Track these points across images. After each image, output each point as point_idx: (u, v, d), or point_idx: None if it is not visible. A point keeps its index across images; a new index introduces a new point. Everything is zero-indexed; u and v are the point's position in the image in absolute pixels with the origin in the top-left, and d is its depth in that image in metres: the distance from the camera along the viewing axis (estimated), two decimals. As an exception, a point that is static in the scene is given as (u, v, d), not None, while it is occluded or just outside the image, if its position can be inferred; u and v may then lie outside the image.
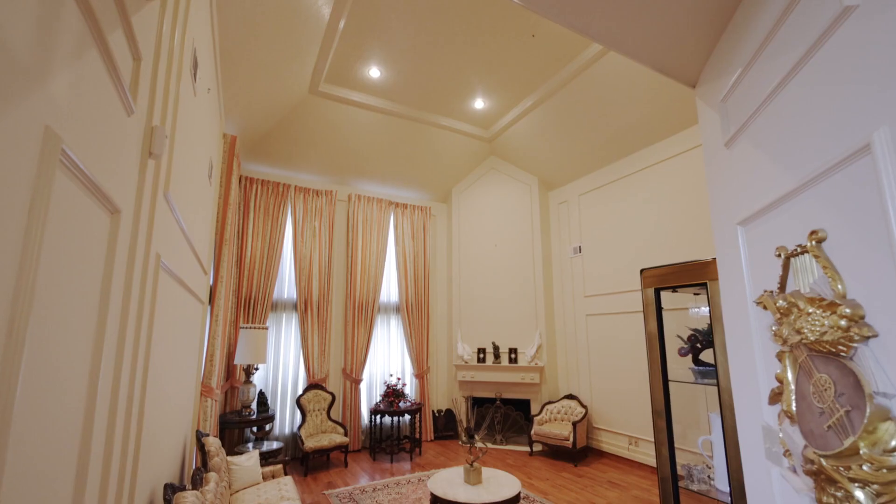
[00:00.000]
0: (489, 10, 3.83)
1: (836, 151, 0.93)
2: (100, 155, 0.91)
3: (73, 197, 0.81)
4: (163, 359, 2.00)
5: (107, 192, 0.94)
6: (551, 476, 4.73)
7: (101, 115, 0.91)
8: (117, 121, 1.01)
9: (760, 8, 1.21)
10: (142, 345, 1.44)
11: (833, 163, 0.93)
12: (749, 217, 1.28)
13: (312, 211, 5.82)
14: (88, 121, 0.83)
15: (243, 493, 3.17)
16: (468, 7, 3.78)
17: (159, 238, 1.59)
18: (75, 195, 0.82)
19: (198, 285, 3.10)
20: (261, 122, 4.82)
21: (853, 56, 0.89)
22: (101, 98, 0.90)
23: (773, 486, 1.24)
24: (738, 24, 1.34)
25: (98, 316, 0.99)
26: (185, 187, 2.12)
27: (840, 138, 0.92)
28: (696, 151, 4.64)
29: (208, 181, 3.23)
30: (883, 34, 0.81)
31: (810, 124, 1.02)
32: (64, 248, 0.77)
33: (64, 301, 0.79)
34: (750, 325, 1.31)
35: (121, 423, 1.25)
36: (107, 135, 0.94)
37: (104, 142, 0.93)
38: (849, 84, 0.90)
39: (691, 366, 1.94)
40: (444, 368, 6.78)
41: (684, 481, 1.89)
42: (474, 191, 6.86)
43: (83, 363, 0.92)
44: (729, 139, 1.39)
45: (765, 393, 1.26)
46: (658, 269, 1.97)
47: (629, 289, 5.24)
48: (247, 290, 5.19)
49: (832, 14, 0.92)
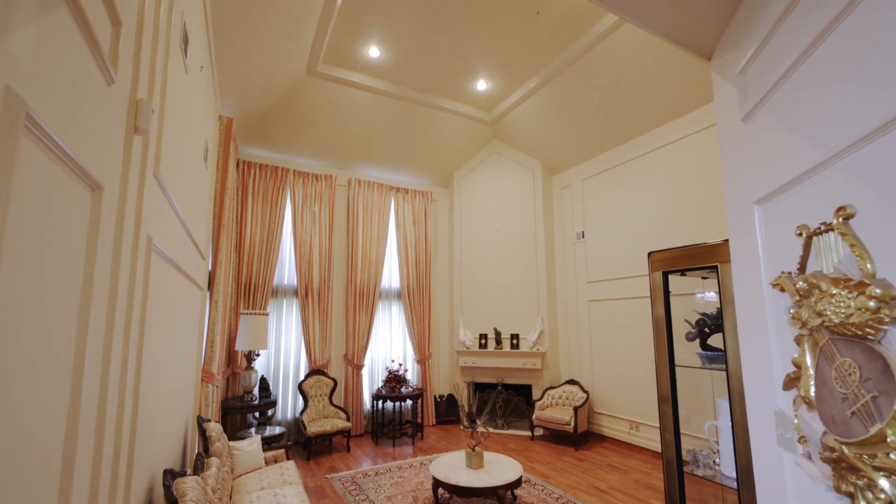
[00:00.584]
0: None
1: (868, 121, 0.86)
2: (76, 125, 0.84)
3: (45, 169, 0.75)
4: (159, 344, 1.96)
5: (86, 166, 0.88)
6: (552, 460, 4.74)
7: (76, 81, 0.84)
8: (95, 90, 0.94)
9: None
10: (134, 329, 1.39)
11: (864, 133, 0.87)
12: (767, 195, 1.22)
13: (312, 196, 5.74)
14: (60, 86, 0.77)
15: (246, 477, 3.18)
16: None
17: (150, 219, 1.53)
18: (48, 167, 0.76)
19: (195, 270, 3.06)
20: (258, 104, 4.72)
21: (889, 19, 0.81)
22: (75, 63, 0.83)
23: (784, 472, 1.20)
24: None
25: (81, 296, 0.94)
26: (178, 168, 2.06)
27: (873, 107, 0.85)
28: (702, 134, 4.54)
29: (204, 164, 3.16)
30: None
31: (840, 93, 0.95)
32: (35, 224, 0.72)
33: (37, 281, 0.74)
34: (765, 307, 1.26)
35: (113, 408, 1.21)
36: (83, 104, 0.88)
37: (80, 111, 0.87)
38: (882, 49, 0.83)
39: (699, 351, 1.89)
40: (445, 354, 6.78)
41: (689, 466, 1.86)
42: (476, 175, 6.77)
43: (64, 346, 0.88)
44: (747, 113, 1.32)
45: (779, 378, 1.21)
46: (666, 252, 1.91)
47: (632, 274, 5.19)
48: (246, 276, 5.15)
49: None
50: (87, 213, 0.95)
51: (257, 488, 2.98)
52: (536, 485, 3.99)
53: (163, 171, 1.68)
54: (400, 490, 3.89)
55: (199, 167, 2.97)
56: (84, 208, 0.93)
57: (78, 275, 0.92)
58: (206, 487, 2.21)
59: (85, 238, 0.95)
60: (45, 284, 0.77)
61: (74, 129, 0.84)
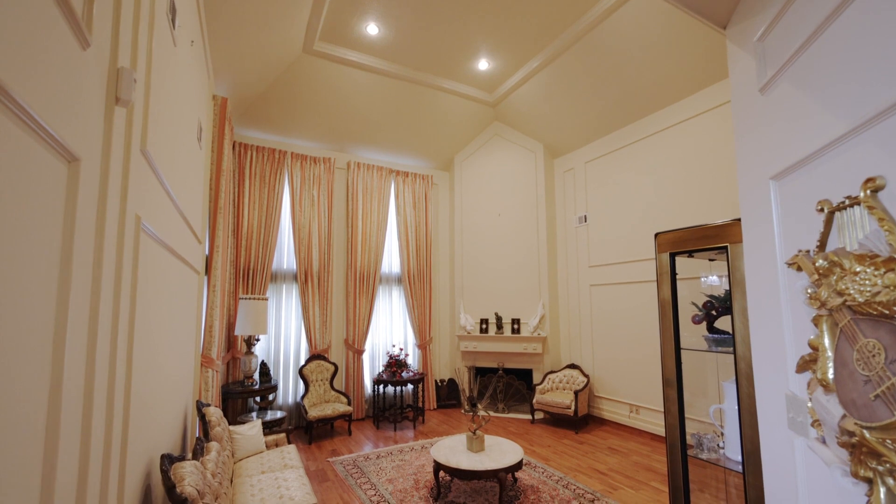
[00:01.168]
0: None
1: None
2: (46, 90, 0.78)
3: (11, 137, 0.69)
4: (154, 328, 1.92)
5: (57, 134, 0.81)
6: (553, 443, 4.76)
7: (44, 42, 0.77)
8: (68, 53, 0.87)
9: (812, -77, 1.04)
10: (123, 311, 1.35)
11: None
12: (785, 170, 1.16)
13: (310, 179, 5.66)
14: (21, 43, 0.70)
15: (246, 461, 3.18)
16: (471, -45, 3.51)
17: (138, 197, 1.47)
18: (13, 135, 0.69)
19: (191, 254, 3.00)
20: (253, 84, 4.61)
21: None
22: (41, 20, 0.76)
23: (795, 456, 1.17)
24: (782, -53, 1.17)
25: (60, 271, 0.89)
26: (168, 146, 1.99)
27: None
28: (706, 116, 4.44)
29: (198, 144, 3.08)
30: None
31: (870, 57, 0.88)
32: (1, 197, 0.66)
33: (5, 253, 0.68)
34: (779, 288, 1.21)
35: (101, 392, 1.17)
36: (53, 67, 0.81)
37: (51, 76, 0.80)
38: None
39: (705, 334, 1.85)
40: (446, 339, 6.78)
41: (693, 450, 1.84)
42: (477, 158, 6.67)
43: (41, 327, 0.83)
44: (765, 84, 1.24)
45: (792, 360, 1.17)
46: (674, 233, 1.86)
47: (634, 258, 5.14)
48: (245, 261, 5.11)
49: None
50: (63, 186, 0.89)
51: (258, 472, 2.98)
52: (537, 467, 4.01)
53: (151, 148, 1.62)
54: (401, 473, 3.91)
55: (193, 148, 2.89)
56: (59, 181, 0.87)
57: (54, 248, 0.87)
58: (206, 472, 2.19)
59: (62, 212, 0.89)
60: (15, 257, 0.71)
61: (44, 95, 0.78)
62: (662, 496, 3.44)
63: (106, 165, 1.13)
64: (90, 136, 1.01)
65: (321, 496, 3.51)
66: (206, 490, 1.92)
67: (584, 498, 3.38)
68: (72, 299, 0.92)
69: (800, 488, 1.14)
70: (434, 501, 3.32)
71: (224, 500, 2.29)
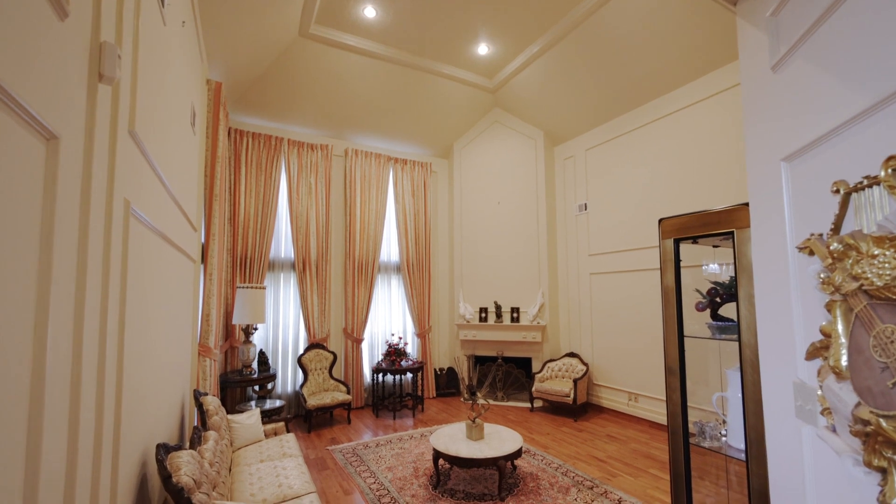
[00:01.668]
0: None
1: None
2: (14, 59, 0.73)
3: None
4: (148, 316, 1.89)
5: (32, 108, 0.77)
6: (552, 430, 4.77)
7: (12, 7, 0.72)
8: (42, 22, 0.82)
9: None
10: (113, 299, 1.31)
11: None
12: (798, 150, 1.11)
13: (307, 166, 5.59)
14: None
15: (245, 450, 3.17)
16: (470, -66, 3.41)
17: (127, 181, 1.42)
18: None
19: (186, 241, 2.96)
20: (248, 69, 4.52)
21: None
22: (10, -16, 0.71)
23: (803, 445, 1.14)
24: (799, -85, 1.11)
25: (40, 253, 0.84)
26: (159, 129, 1.93)
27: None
28: (708, 102, 4.37)
29: (191, 129, 3.02)
30: None
31: (891, 31, 0.83)
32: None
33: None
34: (788, 273, 1.17)
35: (90, 384, 1.14)
36: (27, 38, 0.76)
37: (23, 47, 0.75)
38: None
39: (709, 321, 1.82)
40: (445, 328, 6.77)
41: (695, 438, 1.82)
42: (477, 146, 6.59)
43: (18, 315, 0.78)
44: (777, 61, 1.19)
45: (801, 347, 1.14)
46: (678, 219, 1.81)
47: (635, 247, 5.11)
48: (242, 249, 5.06)
49: None
50: (42, 165, 0.85)
51: (257, 461, 2.97)
52: (536, 455, 4.02)
53: (140, 130, 1.56)
54: (401, 461, 3.91)
55: (186, 132, 2.83)
56: (36, 160, 0.83)
57: (33, 229, 0.82)
58: (203, 461, 2.18)
59: (41, 192, 0.84)
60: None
61: (16, 67, 0.73)
62: (661, 483, 3.46)
63: (90, 145, 1.08)
64: (70, 113, 0.96)
65: (321, 484, 3.52)
66: (203, 479, 1.90)
67: (584, 485, 3.39)
68: (54, 284, 0.88)
69: (807, 477, 1.12)
70: (433, 489, 3.33)
71: (222, 488, 2.27)
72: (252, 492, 2.50)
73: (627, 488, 3.36)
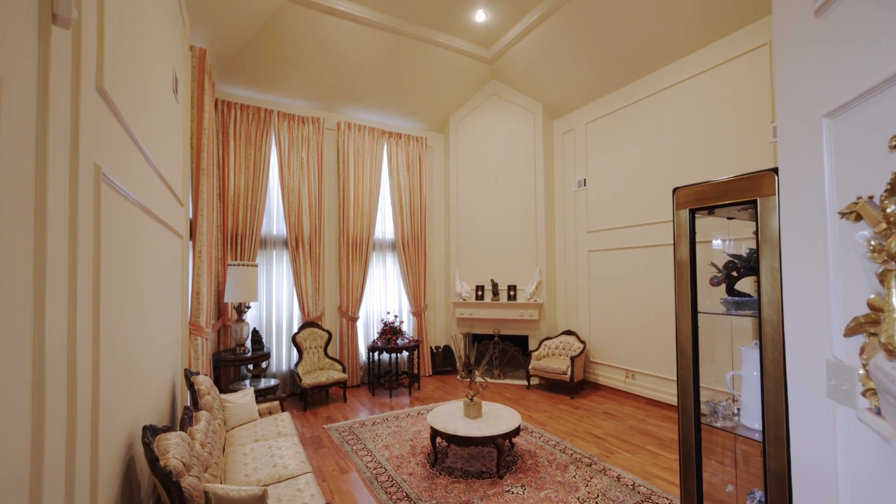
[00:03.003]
0: None
1: None
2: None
3: None
4: (130, 293, 1.77)
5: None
6: (549, 408, 4.77)
7: None
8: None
9: None
10: (84, 273, 1.19)
11: None
12: (845, 104, 0.99)
13: (299, 140, 5.39)
14: None
15: (239, 429, 3.10)
16: None
17: (96, 144, 1.28)
18: None
19: (172, 217, 2.81)
20: (234, 35, 4.27)
21: None
22: None
23: (836, 427, 1.06)
24: None
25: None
26: (135, 91, 1.77)
27: None
28: (714, 72, 4.22)
29: (174, 97, 2.84)
30: None
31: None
32: None
33: None
34: (826, 241, 1.07)
35: (58, 364, 1.03)
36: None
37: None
38: None
39: (723, 297, 1.73)
40: (441, 306, 6.70)
41: (707, 418, 1.76)
42: (474, 119, 6.39)
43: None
44: (822, 4, 1.06)
45: (839, 322, 1.05)
46: (695, 188, 1.71)
47: (635, 223, 5.02)
48: (233, 226, 4.91)
49: None
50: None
51: (251, 440, 2.91)
52: (533, 432, 4.00)
53: (112, 89, 1.41)
54: (398, 439, 3.88)
55: (168, 100, 2.65)
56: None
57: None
58: (194, 443, 2.09)
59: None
60: None
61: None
62: (659, 459, 3.45)
63: (44, 96, 0.94)
64: (16, 55, 0.82)
65: (317, 462, 3.48)
66: (194, 462, 1.82)
67: (582, 462, 3.38)
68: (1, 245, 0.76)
69: (839, 461, 1.05)
70: (431, 467, 3.30)
71: (215, 469, 2.20)
72: (246, 472, 2.43)
73: (626, 465, 3.36)
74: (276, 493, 2.25)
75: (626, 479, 3.10)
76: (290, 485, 2.33)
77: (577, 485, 3.02)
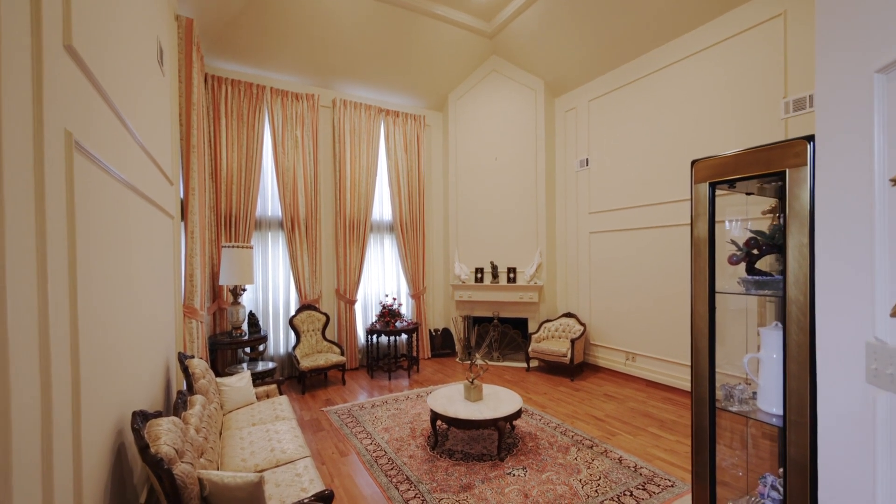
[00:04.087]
0: None
1: None
2: None
3: None
4: (115, 273, 1.66)
5: None
6: (549, 390, 4.74)
7: None
8: None
9: None
10: (56, 251, 1.08)
11: None
12: (903, 56, 0.89)
13: (293, 118, 5.21)
14: None
15: (236, 413, 3.04)
16: None
17: (66, 108, 1.16)
18: None
19: (161, 195, 2.69)
20: (223, 4, 4.07)
21: None
22: None
23: (876, 414, 0.98)
24: None
25: None
26: (113, 53, 1.63)
27: None
28: (725, 44, 4.05)
29: (159, 68, 2.68)
30: None
31: None
32: None
33: None
34: (873, 213, 0.97)
35: (28, 349, 0.93)
36: None
37: None
38: None
39: (742, 276, 1.65)
40: (440, 288, 6.63)
41: (722, 402, 1.69)
42: (473, 97, 6.20)
43: None
44: (878, -56, 0.94)
45: (885, 302, 0.96)
46: (715, 160, 1.60)
47: (637, 204, 4.91)
48: (226, 206, 4.77)
49: None
50: None
51: (248, 424, 2.84)
52: (534, 414, 3.97)
53: (83, 48, 1.28)
54: (397, 422, 3.84)
55: (153, 71, 2.50)
56: None
57: None
58: (188, 428, 2.02)
59: None
60: None
61: None
62: (661, 441, 3.43)
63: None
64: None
65: (316, 445, 3.44)
66: (187, 448, 1.74)
67: (583, 444, 3.35)
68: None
69: (878, 450, 0.97)
70: (431, 450, 3.26)
71: (211, 454, 2.13)
72: (243, 457, 2.37)
73: (627, 447, 3.33)
74: (273, 477, 2.19)
75: (628, 461, 3.07)
76: (288, 469, 2.27)
77: (579, 467, 2.99)
